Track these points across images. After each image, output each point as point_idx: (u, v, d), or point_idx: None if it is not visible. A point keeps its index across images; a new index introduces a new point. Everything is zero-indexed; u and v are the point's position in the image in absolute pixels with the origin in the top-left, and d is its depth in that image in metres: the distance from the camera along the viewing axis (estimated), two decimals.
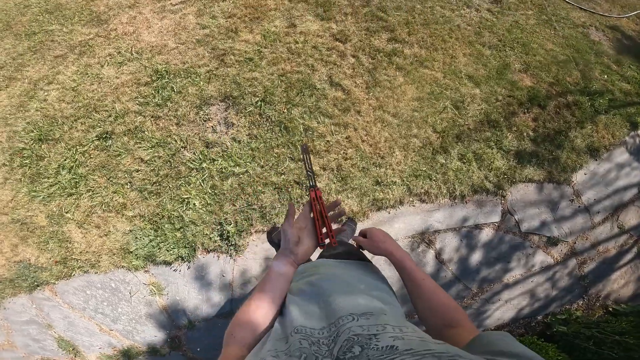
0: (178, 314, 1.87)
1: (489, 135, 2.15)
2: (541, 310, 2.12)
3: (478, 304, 2.03)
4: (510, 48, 2.39)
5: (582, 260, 2.14)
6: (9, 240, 1.95)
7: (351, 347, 0.42)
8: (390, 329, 0.45)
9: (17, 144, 2.10)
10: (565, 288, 2.13)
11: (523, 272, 2.06)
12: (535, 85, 2.29)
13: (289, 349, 0.45)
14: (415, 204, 1.97)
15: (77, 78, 2.27)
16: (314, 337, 0.47)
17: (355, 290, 0.60)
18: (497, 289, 2.04)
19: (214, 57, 2.13)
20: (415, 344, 0.40)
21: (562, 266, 2.10)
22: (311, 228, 0.66)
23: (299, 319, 0.52)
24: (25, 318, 1.93)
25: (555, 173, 2.12)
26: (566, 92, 2.29)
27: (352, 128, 2.01)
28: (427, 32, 2.31)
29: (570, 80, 2.35)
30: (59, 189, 1.94)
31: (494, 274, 2.03)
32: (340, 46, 2.18)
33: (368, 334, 0.44)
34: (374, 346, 0.41)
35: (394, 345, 0.40)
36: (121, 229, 1.86)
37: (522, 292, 2.07)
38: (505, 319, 2.08)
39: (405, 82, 2.14)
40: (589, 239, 2.15)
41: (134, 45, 2.28)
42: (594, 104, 2.29)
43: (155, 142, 1.93)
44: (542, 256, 2.08)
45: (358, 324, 0.47)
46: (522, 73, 2.33)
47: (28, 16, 2.86)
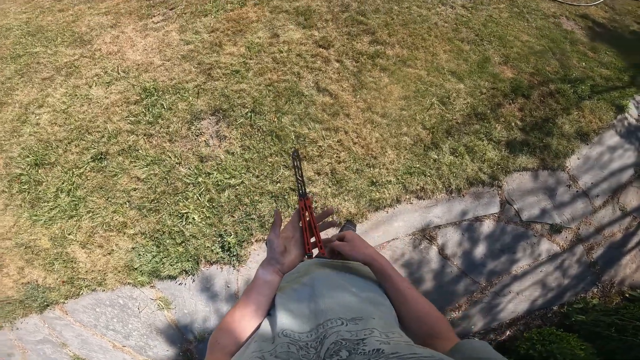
0: (187, 327, 1.92)
1: (478, 128, 2.20)
2: (556, 301, 2.09)
3: (489, 298, 2.02)
4: (488, 42, 2.45)
5: (589, 246, 2.12)
6: (15, 264, 2.00)
7: (338, 351, 0.43)
8: (377, 333, 0.46)
9: (14, 170, 2.14)
10: (577, 276, 2.11)
11: (530, 262, 2.05)
12: (516, 76, 2.35)
13: (275, 349, 0.46)
14: (413, 201, 2.01)
15: (66, 100, 2.29)
16: (302, 341, 0.48)
17: (346, 292, 0.60)
18: (507, 281, 2.03)
19: (200, 71, 2.17)
20: (401, 347, 0.41)
21: (570, 253, 2.09)
22: (299, 237, 0.65)
23: (287, 322, 0.53)
24: (39, 337, 1.99)
25: (548, 160, 2.15)
26: (548, 81, 2.35)
27: (342, 131, 2.06)
28: (407, 32, 2.36)
29: (550, 70, 2.41)
30: (60, 212, 1.98)
31: (500, 266, 2.03)
32: (323, 52, 2.22)
33: (356, 338, 0.45)
34: (361, 350, 0.42)
35: (380, 348, 0.41)
36: (124, 247, 1.91)
37: (533, 282, 2.05)
38: (519, 312, 2.04)
39: (390, 82, 2.19)
40: (592, 223, 2.15)
41: (120, 64, 2.30)
42: (577, 90, 2.35)
43: (150, 160, 1.97)
44: (548, 244, 2.06)
45: (347, 329, 0.48)
46: (503, 65, 2.39)
47: (11, 39, 2.86)
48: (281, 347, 0.46)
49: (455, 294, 2.01)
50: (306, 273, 0.69)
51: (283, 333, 0.50)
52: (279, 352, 0.45)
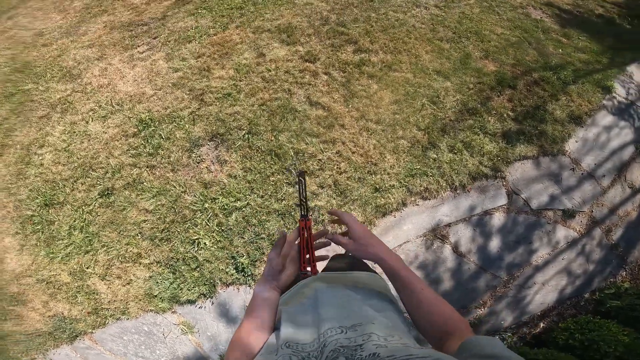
0: (212, 349, 2.01)
1: (471, 123, 2.24)
2: (585, 288, 2.04)
3: (513, 291, 1.99)
4: (465, 38, 2.49)
5: (606, 228, 2.09)
6: (39, 299, 2.10)
7: (336, 358, 0.44)
8: (375, 337, 0.47)
9: (25, 212, 2.21)
10: (601, 260, 2.07)
11: (550, 250, 2.02)
12: (499, 69, 2.39)
13: (277, 358, 0.47)
14: (419, 202, 2.03)
15: (66, 138, 2.35)
16: (304, 352, 0.49)
17: (351, 300, 0.62)
18: (529, 273, 1.99)
19: (193, 97, 2.21)
20: (397, 349, 0.42)
21: (589, 238, 2.06)
22: (295, 255, 0.68)
23: (289, 334, 0.54)
24: None
25: (546, 145, 2.18)
26: (530, 70, 2.39)
27: (340, 142, 2.11)
28: (388, 37, 2.39)
29: (530, 59, 2.45)
30: (75, 248, 2.06)
31: (519, 258, 2.00)
32: (310, 66, 2.26)
33: (354, 344, 0.46)
34: (359, 356, 0.43)
35: (376, 352, 0.42)
36: (141, 277, 2.01)
37: (557, 271, 2.02)
38: (549, 302, 2.01)
39: (379, 89, 2.23)
40: (605, 204, 2.13)
41: (113, 97, 2.35)
42: (560, 76, 2.40)
43: (156, 192, 2.04)
44: (564, 231, 2.04)
45: (345, 336, 0.49)
46: (484, 59, 2.42)
47: (0, 77, 2.89)
48: (283, 358, 0.47)
49: (476, 290, 2.01)
50: (311, 288, 0.71)
51: (286, 344, 0.51)
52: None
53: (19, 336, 2.08)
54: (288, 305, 0.66)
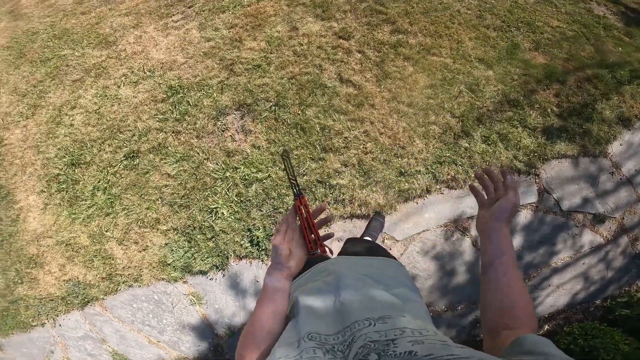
0: (218, 322, 2.00)
1: (511, 115, 2.12)
2: (598, 294, 2.03)
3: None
4: (515, 28, 2.35)
5: (634, 237, 2.04)
6: (56, 261, 2.14)
7: (367, 355, 0.41)
8: (409, 332, 0.44)
9: (52, 170, 2.27)
10: (621, 268, 2.04)
11: (572, 254, 1.99)
12: (549, 62, 2.24)
13: (301, 355, 0.44)
14: (444, 191, 1.97)
15: (97, 101, 2.40)
16: (328, 344, 0.47)
17: (374, 289, 0.59)
18: (546, 274, 1.98)
19: (223, 67, 2.20)
20: (436, 348, 0.38)
21: (614, 245, 2.02)
22: (299, 238, 0.64)
23: (312, 324, 0.51)
24: (80, 334, 2.12)
25: (589, 146, 2.05)
26: (584, 67, 2.23)
27: (368, 122, 2.04)
28: (428, 20, 2.29)
29: (585, 55, 2.29)
30: (97, 210, 2.09)
31: (539, 258, 1.98)
32: (344, 43, 2.20)
33: (386, 339, 0.43)
34: (392, 352, 0.39)
35: (412, 350, 0.39)
36: (157, 243, 2.00)
37: (574, 275, 2.00)
38: (559, 305, 2.01)
39: (415, 71, 2.14)
40: (638, 212, 2.05)
41: (145, 64, 2.38)
42: (615, 75, 2.23)
43: (179, 157, 2.04)
44: (591, 235, 1.99)
45: (375, 329, 0.46)
46: (534, 51, 2.28)
47: (38, 43, 3.01)
48: (307, 352, 0.45)
49: None
50: (330, 272, 0.68)
51: (309, 336, 0.48)
52: (305, 357, 0.44)
53: (32, 300, 2.13)
54: (305, 292, 0.62)
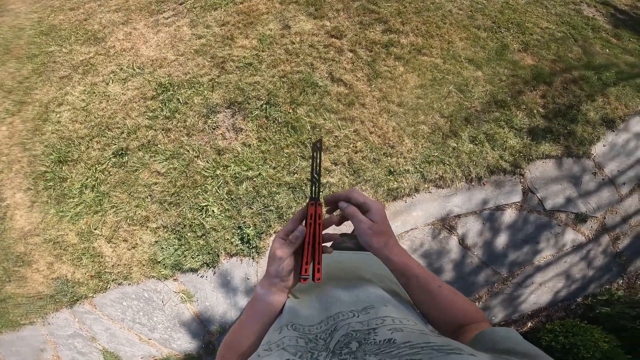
0: (209, 319, 2.04)
1: (498, 116, 2.21)
2: (579, 292, 2.11)
3: (510, 289, 2.06)
4: (505, 29, 2.45)
5: (615, 236, 2.13)
6: (44, 259, 2.16)
7: (348, 343, 0.42)
8: (389, 321, 0.45)
9: (39, 167, 2.29)
10: (602, 267, 2.13)
11: (554, 252, 2.07)
12: (537, 64, 2.34)
13: (282, 340, 0.46)
14: (432, 190, 2.05)
15: (85, 98, 2.43)
16: (311, 334, 0.48)
17: (360, 280, 0.59)
18: (529, 272, 2.06)
19: (214, 65, 2.25)
20: (414, 336, 0.40)
21: (595, 244, 2.11)
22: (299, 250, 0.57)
23: (295, 315, 0.52)
24: (70, 332, 2.14)
25: (573, 147, 2.15)
26: (570, 68, 2.33)
27: (358, 121, 2.11)
28: (420, 20, 2.38)
29: (573, 56, 2.40)
30: (85, 208, 2.12)
31: (523, 257, 2.05)
32: (336, 42, 2.27)
33: (367, 328, 0.45)
34: (372, 340, 0.41)
35: (391, 338, 0.41)
36: (147, 241, 2.04)
37: (557, 273, 2.07)
38: (541, 303, 2.09)
39: (405, 71, 2.22)
40: (619, 212, 2.15)
41: (135, 61, 2.42)
42: (601, 77, 2.33)
43: (169, 154, 2.08)
44: (573, 234, 2.07)
45: (358, 320, 0.47)
46: (522, 52, 2.38)
47: (25, 39, 3.02)
48: (289, 340, 0.46)
49: (475, 285, 2.05)
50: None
51: (292, 326, 0.49)
52: (287, 344, 0.45)
53: (21, 299, 2.15)
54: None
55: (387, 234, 0.55)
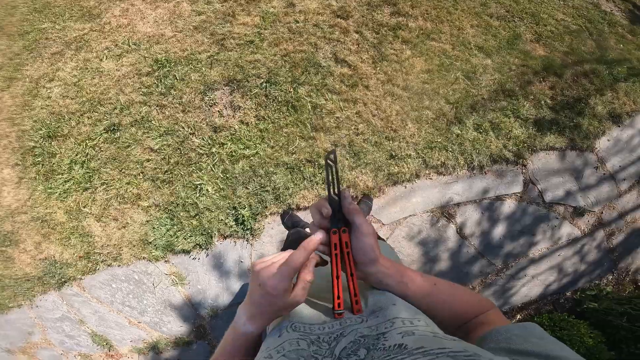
0: (200, 303, 2.02)
1: (505, 105, 2.21)
2: (570, 286, 2.14)
3: (503, 280, 2.08)
4: (519, 18, 2.45)
5: (610, 231, 2.17)
6: (32, 239, 2.12)
7: (357, 350, 0.40)
8: (399, 322, 0.43)
9: (28, 142, 2.25)
10: (594, 262, 2.15)
11: (549, 245, 2.09)
12: (549, 55, 2.34)
13: (282, 346, 0.43)
14: (433, 176, 2.05)
15: (77, 73, 2.39)
16: (313, 333, 0.46)
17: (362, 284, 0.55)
18: (523, 264, 2.07)
19: (213, 42, 2.23)
20: (427, 341, 0.38)
21: (590, 238, 2.13)
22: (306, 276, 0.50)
23: (296, 312, 0.50)
24: (58, 315, 2.10)
25: (577, 140, 2.16)
26: (582, 61, 2.34)
27: (361, 103, 2.10)
28: (431, 5, 2.37)
29: (585, 50, 2.40)
30: (74, 184, 2.09)
31: (518, 248, 2.07)
32: (342, 23, 2.25)
33: (376, 333, 0.42)
34: (381, 346, 0.39)
35: (402, 343, 0.38)
36: (138, 220, 2.01)
37: (549, 266, 2.10)
38: (532, 296, 2.11)
39: (412, 55, 2.21)
40: (616, 208, 2.18)
41: (131, 37, 2.39)
42: (612, 72, 2.35)
43: (163, 131, 2.06)
44: (569, 228, 2.10)
45: (366, 325, 0.45)
46: (534, 43, 2.39)
47: (17, 16, 2.98)
48: (290, 344, 0.43)
49: (469, 275, 2.06)
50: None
51: (292, 327, 0.47)
52: (287, 350, 0.42)
53: (7, 280, 2.11)
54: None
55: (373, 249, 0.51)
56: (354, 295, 0.49)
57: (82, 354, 2.09)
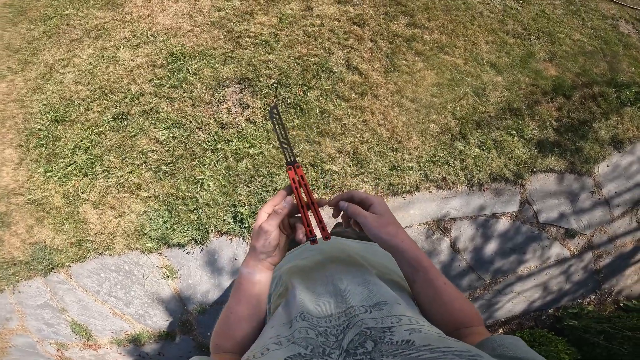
0: (190, 298, 1.91)
1: (510, 123, 2.14)
2: (553, 304, 2.14)
3: (490, 295, 2.06)
4: (535, 37, 2.37)
5: (598, 254, 2.15)
6: (25, 222, 2.02)
7: (364, 343, 0.40)
8: (406, 320, 0.43)
9: (34, 125, 2.17)
10: (579, 282, 2.15)
11: (538, 264, 2.07)
12: (560, 75, 2.27)
13: (293, 334, 0.44)
14: (432, 190, 1.98)
15: (93, 61, 2.33)
16: (320, 326, 0.45)
17: (366, 274, 0.56)
18: (511, 281, 2.05)
19: (229, 39, 2.17)
20: (433, 339, 0.38)
21: (578, 259, 2.12)
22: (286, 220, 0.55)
23: (305, 304, 0.50)
24: (40, 302, 1.98)
25: (577, 164, 2.11)
26: (592, 83, 2.27)
27: (369, 112, 2.02)
28: (448, 19, 2.30)
29: (597, 71, 2.33)
30: (75, 169, 2.00)
31: (508, 265, 2.05)
32: (357, 30, 2.19)
33: (382, 326, 0.42)
34: (388, 340, 0.39)
35: (410, 339, 0.38)
36: (136, 210, 1.91)
37: (536, 284, 2.08)
38: (516, 311, 2.11)
39: (424, 68, 2.14)
40: (607, 232, 2.15)
41: (150, 28, 2.33)
42: (620, 95, 2.27)
43: (171, 123, 1.97)
44: (559, 249, 2.08)
45: (371, 317, 0.44)
46: (547, 62, 2.31)
47: (42, 1, 2.95)
48: (299, 332, 0.43)
49: (458, 287, 1.94)
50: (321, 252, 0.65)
51: (301, 316, 0.47)
52: (297, 337, 0.42)
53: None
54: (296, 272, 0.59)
55: (394, 224, 0.53)
56: (320, 222, 0.53)
57: (59, 343, 1.97)
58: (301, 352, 0.40)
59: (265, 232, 0.50)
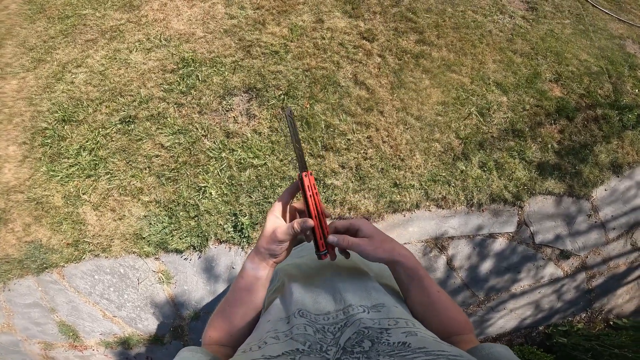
0: (183, 303, 1.86)
1: (512, 145, 2.11)
2: (543, 321, 2.14)
3: (483, 312, 2.05)
4: (542, 57, 2.34)
5: (591, 274, 2.15)
6: (22, 220, 1.97)
7: (361, 341, 0.40)
8: (403, 323, 0.43)
9: (40, 123, 2.15)
10: (571, 300, 2.15)
11: (531, 283, 2.07)
12: (565, 96, 2.24)
13: (291, 330, 0.43)
14: (432, 208, 1.96)
15: (105, 62, 2.32)
16: (318, 323, 0.45)
17: (365, 277, 0.56)
18: (504, 298, 2.05)
19: (240, 47, 2.15)
20: (428, 342, 0.38)
21: (571, 279, 2.12)
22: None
23: (303, 301, 0.50)
24: (29, 301, 1.93)
25: (576, 187, 2.09)
26: (596, 105, 2.24)
27: (374, 128, 1.99)
28: (457, 36, 2.28)
29: (602, 93, 2.30)
30: (78, 170, 1.96)
31: (502, 284, 2.04)
32: (367, 45, 2.17)
33: (379, 327, 0.42)
34: (385, 341, 0.39)
35: (406, 341, 0.38)
36: (136, 214, 1.87)
37: (528, 302, 2.08)
38: (507, 328, 2.10)
39: (431, 85, 2.12)
40: (601, 254, 2.14)
41: (163, 33, 2.32)
42: (622, 118, 2.24)
43: (177, 129, 1.95)
44: (553, 269, 2.08)
45: (369, 317, 0.45)
46: (553, 83, 2.29)
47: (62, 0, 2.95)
48: (297, 328, 0.43)
49: None
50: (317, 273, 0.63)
51: (299, 313, 0.47)
52: (295, 333, 0.42)
53: None
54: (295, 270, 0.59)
55: (386, 239, 0.53)
56: (325, 235, 0.52)
57: (45, 342, 1.91)
58: (299, 347, 0.39)
59: (279, 240, 0.51)
